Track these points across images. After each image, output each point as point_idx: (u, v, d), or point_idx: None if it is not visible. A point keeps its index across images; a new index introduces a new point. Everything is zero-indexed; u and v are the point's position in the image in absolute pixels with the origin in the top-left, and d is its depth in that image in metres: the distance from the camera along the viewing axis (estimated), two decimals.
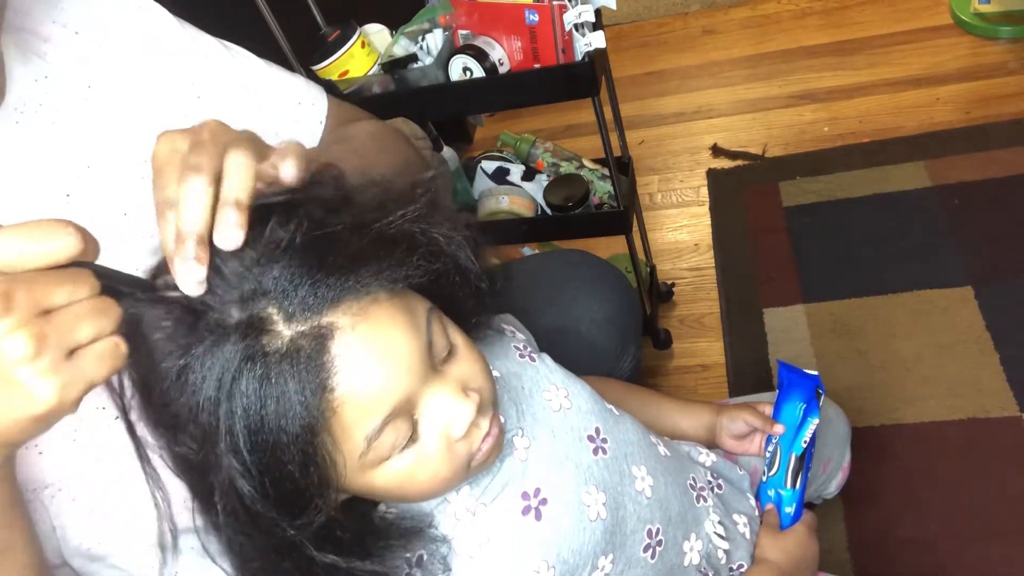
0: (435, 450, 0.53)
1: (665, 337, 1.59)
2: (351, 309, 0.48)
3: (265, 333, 0.45)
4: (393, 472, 0.53)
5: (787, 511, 0.82)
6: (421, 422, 0.53)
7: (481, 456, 0.56)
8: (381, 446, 0.50)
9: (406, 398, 0.51)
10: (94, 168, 0.63)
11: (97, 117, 0.64)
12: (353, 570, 0.53)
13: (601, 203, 1.45)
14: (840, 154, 1.83)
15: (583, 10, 1.10)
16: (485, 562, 0.59)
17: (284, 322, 0.46)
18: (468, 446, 0.55)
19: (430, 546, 0.57)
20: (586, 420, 0.68)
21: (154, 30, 0.71)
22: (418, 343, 0.51)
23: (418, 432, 0.53)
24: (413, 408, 0.52)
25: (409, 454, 0.53)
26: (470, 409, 0.53)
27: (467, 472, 0.56)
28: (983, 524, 1.17)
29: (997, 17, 1.95)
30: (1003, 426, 1.27)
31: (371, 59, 1.25)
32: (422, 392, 0.52)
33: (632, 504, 0.67)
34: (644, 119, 2.15)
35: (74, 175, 0.62)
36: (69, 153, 0.62)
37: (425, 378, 0.52)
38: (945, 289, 1.48)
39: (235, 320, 0.46)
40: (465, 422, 0.53)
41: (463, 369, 0.55)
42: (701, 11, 2.44)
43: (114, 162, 0.64)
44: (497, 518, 0.60)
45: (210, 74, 0.73)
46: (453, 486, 0.58)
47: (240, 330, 0.45)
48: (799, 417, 0.83)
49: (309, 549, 0.50)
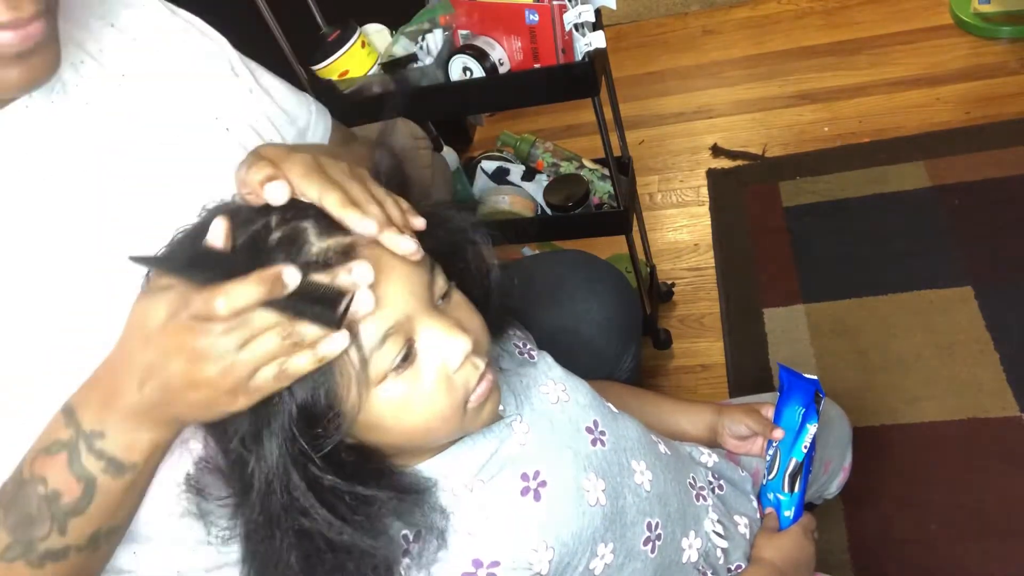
0: (432, 378, 0.56)
1: (665, 337, 1.59)
2: None
3: (301, 244, 0.51)
4: (392, 396, 0.55)
5: (786, 515, 0.82)
6: (420, 350, 0.55)
7: (477, 399, 0.58)
8: (381, 358, 0.53)
9: (406, 316, 0.54)
10: (122, 151, 0.66)
11: (129, 103, 0.68)
12: (354, 543, 0.54)
13: (601, 203, 1.45)
14: (840, 154, 1.83)
15: (583, 10, 1.10)
16: (484, 539, 0.59)
17: (316, 236, 0.52)
18: (465, 381, 0.57)
19: (429, 517, 0.58)
20: (584, 413, 0.69)
21: (181, 28, 0.75)
22: (421, 274, 0.56)
23: (417, 358, 0.55)
24: (412, 331, 0.55)
25: (406, 378, 0.55)
26: (465, 341, 0.56)
27: (463, 416, 0.58)
28: (983, 524, 1.17)
29: (997, 17, 1.95)
30: (1003, 426, 1.27)
31: (371, 59, 1.25)
32: (421, 318, 0.55)
33: (632, 496, 0.67)
34: (644, 119, 2.14)
35: (102, 154, 0.65)
36: (100, 132, 0.65)
37: (426, 306, 0.56)
38: (945, 289, 1.48)
39: (276, 236, 0.51)
40: (460, 353, 0.56)
41: (460, 313, 0.59)
42: (701, 11, 2.44)
43: (142, 146, 0.67)
44: (496, 496, 0.61)
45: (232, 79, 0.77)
46: (451, 427, 0.59)
47: (280, 244, 0.51)
48: (798, 421, 0.83)
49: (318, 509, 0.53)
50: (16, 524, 0.54)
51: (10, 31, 0.51)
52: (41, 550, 0.53)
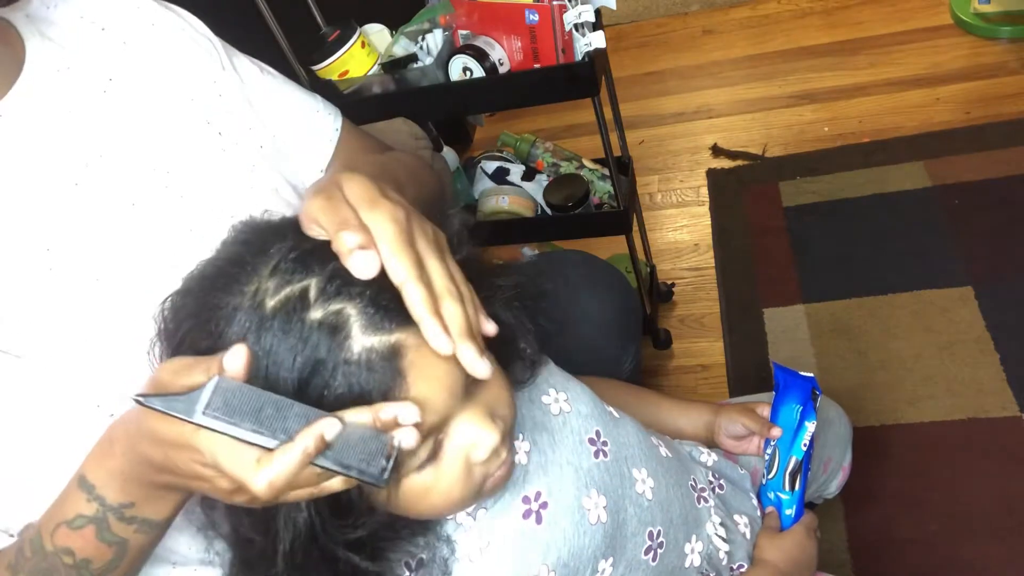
0: (455, 470, 0.54)
1: (665, 337, 1.59)
2: (417, 331, 0.48)
3: (344, 338, 0.46)
4: (410, 487, 0.53)
5: (787, 513, 0.82)
6: (446, 442, 0.53)
7: (493, 483, 0.56)
8: (409, 461, 0.51)
9: (442, 420, 0.51)
10: (106, 157, 0.64)
11: (114, 109, 0.65)
12: (356, 569, 0.53)
13: (601, 203, 1.45)
14: (840, 154, 1.83)
15: (583, 10, 1.10)
16: (485, 566, 0.59)
17: (360, 329, 0.47)
18: (485, 471, 0.55)
19: (432, 546, 0.58)
20: (586, 423, 0.68)
21: (175, 28, 0.72)
22: (463, 370, 0.51)
23: (442, 451, 0.53)
24: (444, 429, 0.53)
25: (429, 471, 0.53)
26: (495, 437, 0.53)
27: (478, 496, 0.57)
28: (983, 524, 1.17)
29: (997, 17, 1.95)
30: (1003, 426, 1.27)
31: (371, 59, 1.25)
32: (454, 414, 0.53)
33: (633, 507, 0.67)
34: (644, 119, 2.15)
35: (83, 163, 0.63)
36: (82, 142, 0.63)
37: (460, 401, 0.53)
38: (945, 289, 1.48)
39: (316, 319, 0.46)
40: (489, 448, 0.53)
41: (492, 395, 0.56)
42: (701, 11, 2.44)
43: (127, 153, 0.65)
44: (498, 522, 0.60)
45: (234, 88, 0.74)
46: (463, 508, 0.58)
47: (321, 328, 0.46)
48: (796, 420, 0.83)
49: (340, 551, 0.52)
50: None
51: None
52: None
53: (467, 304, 0.50)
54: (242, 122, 0.74)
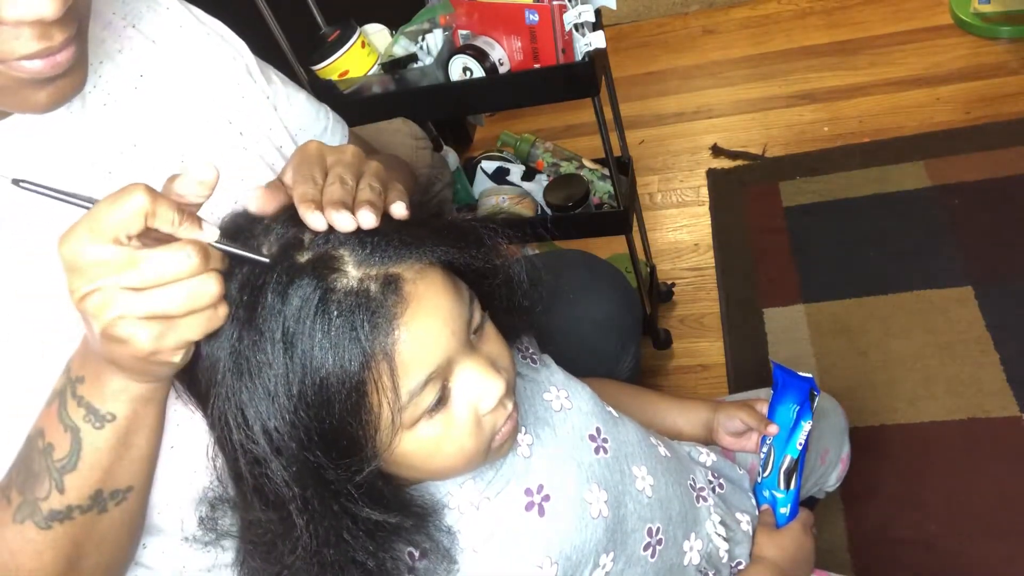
0: (464, 420, 0.55)
1: (665, 337, 1.59)
2: (412, 268, 0.51)
3: (335, 272, 0.48)
4: (423, 438, 0.54)
5: (782, 512, 0.82)
6: (454, 391, 0.54)
7: (501, 437, 0.57)
8: (419, 404, 0.52)
9: (448, 359, 0.53)
10: (139, 147, 0.67)
11: (145, 103, 0.68)
12: (357, 560, 0.54)
13: (601, 203, 1.45)
14: (840, 154, 1.83)
15: (583, 10, 1.10)
16: (488, 556, 0.59)
17: (354, 265, 0.49)
18: (493, 423, 0.57)
19: (435, 536, 0.58)
20: (587, 420, 0.69)
21: (198, 31, 0.75)
22: (463, 311, 0.54)
23: (450, 400, 0.54)
24: (449, 374, 0.54)
25: (439, 421, 0.54)
26: (501, 385, 0.55)
27: (487, 453, 0.58)
28: (983, 524, 1.17)
29: (997, 17, 1.96)
30: (1003, 426, 1.27)
31: (371, 59, 1.25)
32: (459, 360, 0.54)
33: (633, 503, 0.67)
34: (644, 119, 2.15)
35: (118, 151, 0.65)
36: (117, 133, 0.66)
37: (464, 346, 0.54)
38: (945, 289, 1.48)
39: (306, 259, 0.49)
40: (495, 396, 0.55)
41: (492, 348, 0.58)
42: (701, 11, 2.44)
43: (157, 144, 0.68)
44: (500, 513, 0.61)
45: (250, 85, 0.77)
46: (475, 465, 0.59)
47: (311, 268, 0.48)
48: (792, 419, 0.83)
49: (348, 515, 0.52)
50: (23, 482, 0.54)
51: (40, 60, 0.51)
52: (45, 511, 0.54)
53: (364, 190, 0.52)
54: (263, 123, 0.77)
